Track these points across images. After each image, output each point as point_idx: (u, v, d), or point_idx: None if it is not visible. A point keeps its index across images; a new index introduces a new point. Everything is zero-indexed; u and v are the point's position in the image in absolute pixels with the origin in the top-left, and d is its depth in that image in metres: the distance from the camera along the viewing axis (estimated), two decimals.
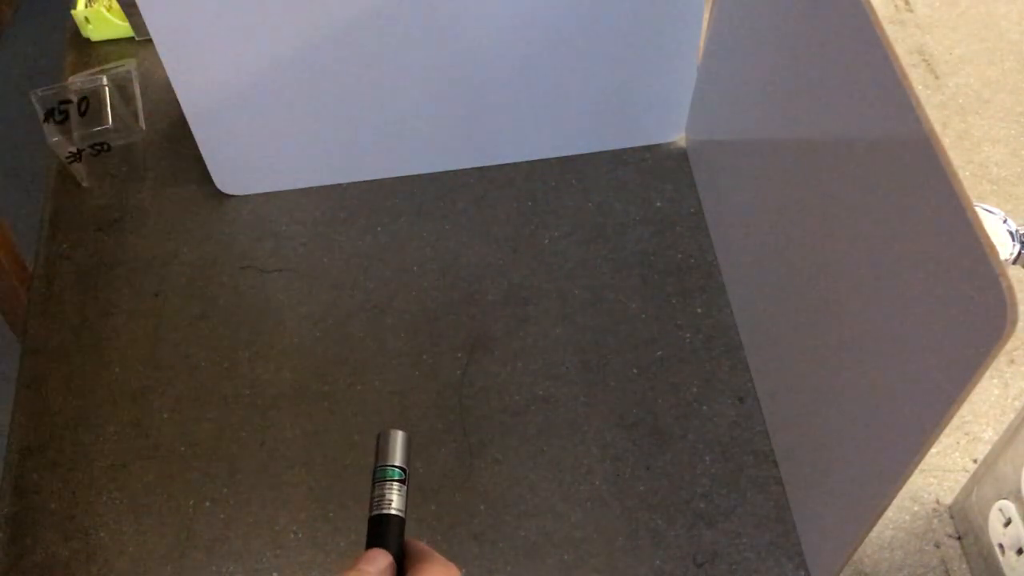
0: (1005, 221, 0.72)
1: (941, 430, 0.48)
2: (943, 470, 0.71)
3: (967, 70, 0.94)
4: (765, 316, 0.74)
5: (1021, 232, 0.72)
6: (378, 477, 0.58)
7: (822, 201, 0.62)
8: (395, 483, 0.57)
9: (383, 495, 0.56)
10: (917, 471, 0.53)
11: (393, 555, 0.51)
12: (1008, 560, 0.63)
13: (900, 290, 0.52)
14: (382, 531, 0.54)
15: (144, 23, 0.75)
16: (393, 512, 0.55)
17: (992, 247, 0.43)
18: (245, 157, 0.86)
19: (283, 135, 0.84)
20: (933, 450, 0.70)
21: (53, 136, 0.87)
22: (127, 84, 0.94)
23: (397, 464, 0.58)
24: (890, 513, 0.69)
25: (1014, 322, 0.42)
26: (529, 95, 0.84)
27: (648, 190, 0.87)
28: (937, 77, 0.93)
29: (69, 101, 0.88)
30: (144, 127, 0.92)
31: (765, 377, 0.74)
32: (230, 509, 0.72)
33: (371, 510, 0.57)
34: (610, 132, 0.89)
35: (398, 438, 0.60)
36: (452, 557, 0.69)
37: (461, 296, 0.81)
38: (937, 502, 0.70)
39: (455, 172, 0.89)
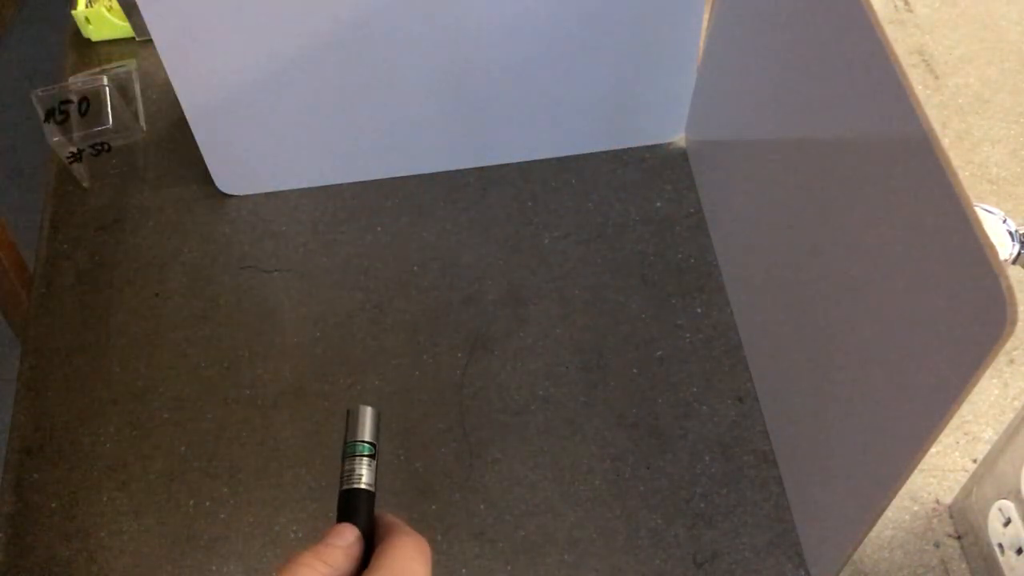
0: (1005, 221, 0.72)
1: (941, 430, 0.49)
2: (943, 470, 0.71)
3: (967, 70, 0.94)
4: (765, 316, 0.74)
5: (1021, 232, 0.72)
6: (348, 452, 0.58)
7: (822, 201, 0.62)
8: (364, 458, 0.57)
9: (353, 470, 0.56)
10: (917, 471, 0.53)
11: (363, 528, 0.51)
12: (1008, 560, 0.63)
13: (900, 290, 0.52)
14: (351, 506, 0.54)
15: (144, 23, 0.75)
16: (363, 487, 0.55)
17: (992, 247, 0.43)
18: (245, 157, 0.86)
19: (283, 135, 0.84)
20: (933, 450, 0.70)
21: (53, 136, 0.87)
22: (127, 84, 0.94)
23: (367, 439, 0.58)
24: (890, 513, 0.69)
25: (1014, 322, 0.42)
26: (529, 95, 0.84)
27: (648, 190, 0.87)
28: (937, 77, 0.94)
29: (69, 101, 0.88)
30: (144, 127, 0.93)
31: (765, 377, 0.74)
32: (230, 509, 0.72)
33: (341, 485, 0.57)
34: (610, 132, 0.89)
35: (367, 413, 0.59)
36: (452, 557, 0.69)
37: (461, 296, 0.81)
38: (937, 502, 0.70)
39: (455, 172, 0.89)
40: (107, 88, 0.90)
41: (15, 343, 0.96)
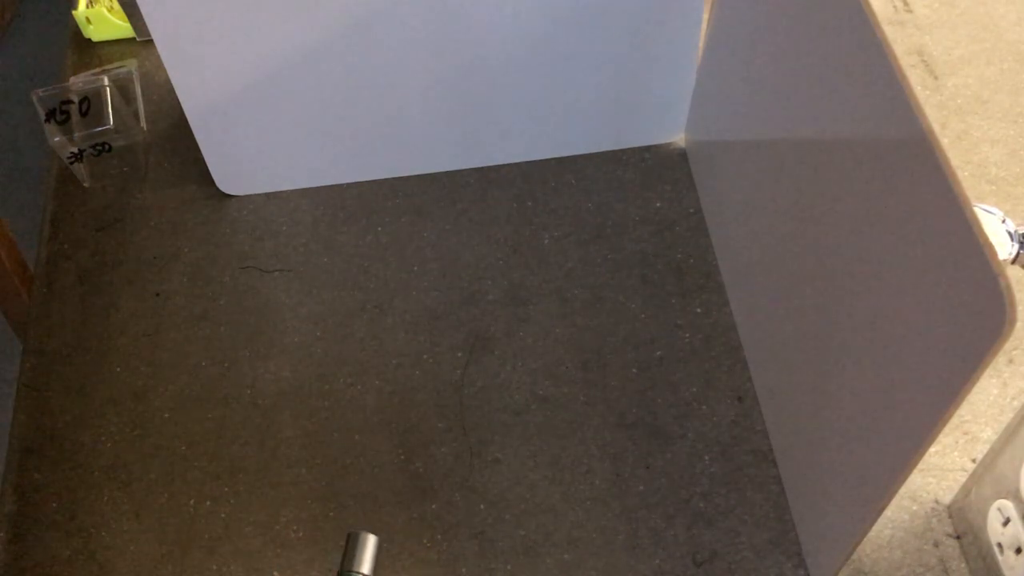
0: (1004, 221, 0.72)
1: (940, 429, 0.49)
2: (942, 469, 0.71)
3: (966, 71, 0.94)
4: (765, 316, 0.74)
5: (1020, 232, 0.72)
6: None
7: (821, 201, 0.62)
8: None
9: None
10: (916, 470, 0.53)
11: None
12: (1007, 559, 0.63)
13: (899, 290, 0.52)
14: None
15: (145, 24, 0.75)
16: None
17: (991, 247, 0.44)
18: (245, 157, 0.86)
19: (283, 135, 0.84)
20: (932, 449, 0.70)
21: (54, 136, 0.87)
22: (128, 84, 0.94)
23: (364, 572, 0.58)
24: (889, 512, 0.69)
25: (1012, 322, 0.42)
26: (529, 95, 0.84)
27: (648, 190, 0.87)
28: (936, 78, 0.94)
29: (70, 101, 0.88)
30: (145, 127, 0.93)
31: (764, 377, 0.75)
32: (231, 508, 0.72)
33: None
34: (610, 132, 0.89)
35: (368, 543, 0.58)
36: (452, 556, 0.69)
37: (461, 296, 0.82)
38: (936, 501, 0.70)
39: (455, 172, 0.89)
40: (108, 88, 0.90)
41: (15, 343, 0.96)
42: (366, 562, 0.58)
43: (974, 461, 0.72)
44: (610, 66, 0.83)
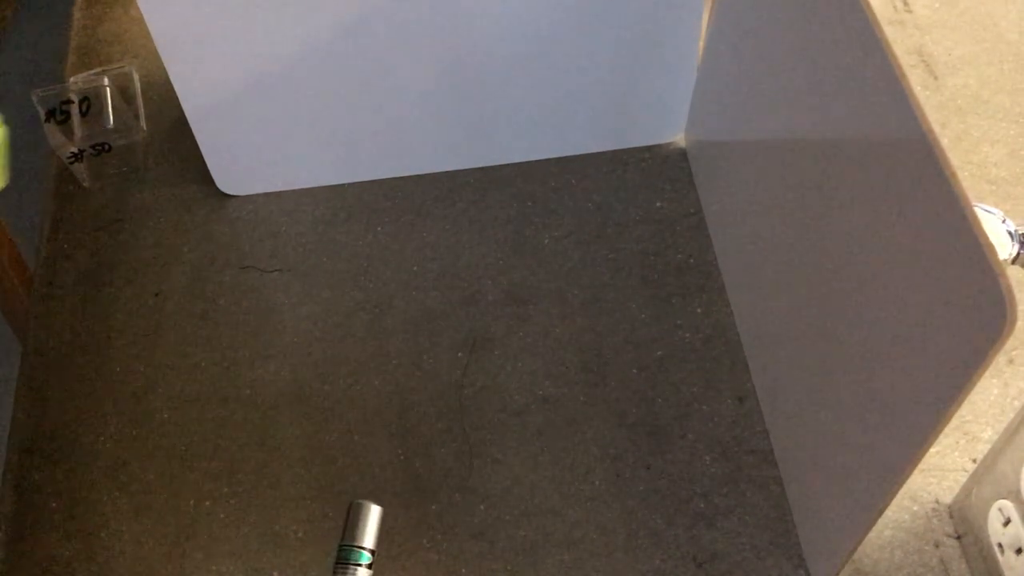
0: (1004, 221, 0.72)
1: (940, 430, 0.49)
2: (942, 470, 0.71)
3: (966, 71, 0.94)
4: (765, 316, 0.74)
5: (1020, 232, 0.72)
6: (343, 557, 0.54)
7: (821, 201, 0.62)
8: (361, 568, 0.54)
9: None
10: (916, 471, 0.53)
11: None
12: (1007, 560, 0.63)
13: (899, 290, 0.52)
14: None
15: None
16: None
17: (991, 247, 0.44)
18: (245, 157, 0.86)
19: (283, 135, 0.84)
20: (932, 450, 0.70)
21: (54, 136, 0.87)
22: (128, 84, 0.94)
23: (367, 547, 0.55)
24: (889, 513, 0.69)
25: (1013, 322, 0.42)
26: (529, 95, 0.84)
27: (648, 190, 0.87)
28: (936, 78, 0.94)
29: (70, 101, 0.88)
30: (145, 127, 0.93)
31: (765, 377, 0.75)
32: (230, 509, 0.72)
33: None
34: (610, 132, 0.89)
35: (372, 514, 0.54)
36: (452, 557, 0.69)
37: (461, 296, 0.81)
38: (936, 502, 0.70)
39: (455, 172, 0.89)
40: (108, 88, 0.90)
41: (15, 343, 0.96)
42: (369, 535, 0.55)
43: (974, 461, 0.72)
44: (610, 66, 0.83)
